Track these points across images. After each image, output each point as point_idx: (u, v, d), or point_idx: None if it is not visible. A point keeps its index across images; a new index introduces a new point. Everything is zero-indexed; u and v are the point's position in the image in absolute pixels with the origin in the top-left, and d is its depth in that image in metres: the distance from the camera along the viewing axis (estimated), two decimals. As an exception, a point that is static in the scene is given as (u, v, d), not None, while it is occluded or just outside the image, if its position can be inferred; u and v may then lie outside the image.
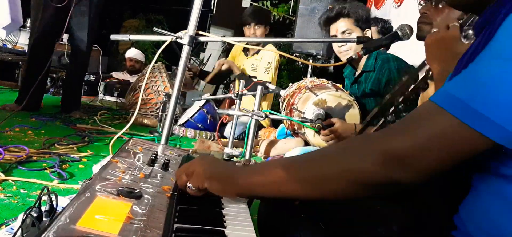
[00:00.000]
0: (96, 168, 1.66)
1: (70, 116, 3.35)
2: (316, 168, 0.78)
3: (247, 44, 3.43)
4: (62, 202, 1.23)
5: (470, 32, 1.22)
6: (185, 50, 1.54)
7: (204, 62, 7.91)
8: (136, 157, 1.06)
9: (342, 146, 0.83)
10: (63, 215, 0.65)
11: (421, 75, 1.33)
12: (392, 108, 1.37)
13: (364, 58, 2.47)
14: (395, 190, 0.74)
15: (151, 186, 0.88)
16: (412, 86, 1.35)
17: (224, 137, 3.42)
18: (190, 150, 1.23)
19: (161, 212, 0.76)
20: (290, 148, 2.65)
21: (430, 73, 1.30)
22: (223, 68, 3.78)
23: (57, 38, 3.37)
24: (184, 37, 1.61)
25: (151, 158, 1.05)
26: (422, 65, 1.46)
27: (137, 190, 0.82)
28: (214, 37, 2.16)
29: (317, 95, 2.42)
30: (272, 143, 2.94)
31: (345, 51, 2.51)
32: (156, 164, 1.03)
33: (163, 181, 0.93)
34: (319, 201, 0.98)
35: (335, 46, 2.64)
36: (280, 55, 3.93)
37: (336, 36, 2.55)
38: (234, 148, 2.90)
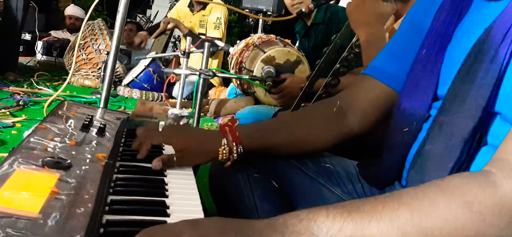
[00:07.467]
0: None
1: (4, 79, 3.11)
2: None
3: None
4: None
5: None
6: (123, 1, 1.41)
7: (151, 19, 7.62)
8: (68, 122, 0.95)
9: None
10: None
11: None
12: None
13: (315, 11, 2.41)
14: None
15: (83, 154, 0.79)
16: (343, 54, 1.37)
17: (173, 98, 3.31)
18: (130, 113, 1.14)
19: (94, 184, 0.68)
20: (241, 107, 2.59)
21: (358, 41, 1.32)
22: (169, 26, 3.63)
23: None
24: (122, -12, 1.46)
25: (84, 123, 0.95)
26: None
27: (68, 160, 0.73)
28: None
29: (265, 52, 2.35)
30: (222, 103, 2.87)
31: (298, 2, 2.44)
32: (90, 129, 0.94)
33: (98, 149, 0.84)
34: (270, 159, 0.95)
35: (287, 0, 2.56)
36: (229, 12, 3.80)
37: None
38: (183, 108, 2.80)
